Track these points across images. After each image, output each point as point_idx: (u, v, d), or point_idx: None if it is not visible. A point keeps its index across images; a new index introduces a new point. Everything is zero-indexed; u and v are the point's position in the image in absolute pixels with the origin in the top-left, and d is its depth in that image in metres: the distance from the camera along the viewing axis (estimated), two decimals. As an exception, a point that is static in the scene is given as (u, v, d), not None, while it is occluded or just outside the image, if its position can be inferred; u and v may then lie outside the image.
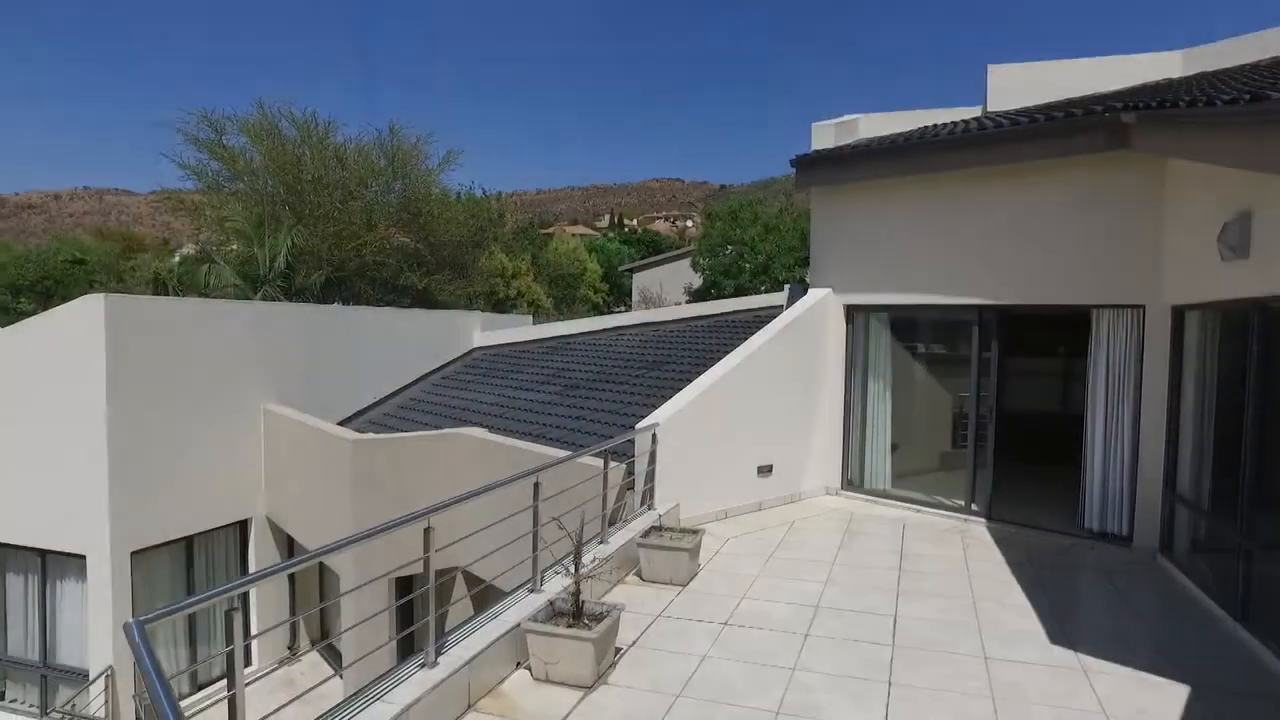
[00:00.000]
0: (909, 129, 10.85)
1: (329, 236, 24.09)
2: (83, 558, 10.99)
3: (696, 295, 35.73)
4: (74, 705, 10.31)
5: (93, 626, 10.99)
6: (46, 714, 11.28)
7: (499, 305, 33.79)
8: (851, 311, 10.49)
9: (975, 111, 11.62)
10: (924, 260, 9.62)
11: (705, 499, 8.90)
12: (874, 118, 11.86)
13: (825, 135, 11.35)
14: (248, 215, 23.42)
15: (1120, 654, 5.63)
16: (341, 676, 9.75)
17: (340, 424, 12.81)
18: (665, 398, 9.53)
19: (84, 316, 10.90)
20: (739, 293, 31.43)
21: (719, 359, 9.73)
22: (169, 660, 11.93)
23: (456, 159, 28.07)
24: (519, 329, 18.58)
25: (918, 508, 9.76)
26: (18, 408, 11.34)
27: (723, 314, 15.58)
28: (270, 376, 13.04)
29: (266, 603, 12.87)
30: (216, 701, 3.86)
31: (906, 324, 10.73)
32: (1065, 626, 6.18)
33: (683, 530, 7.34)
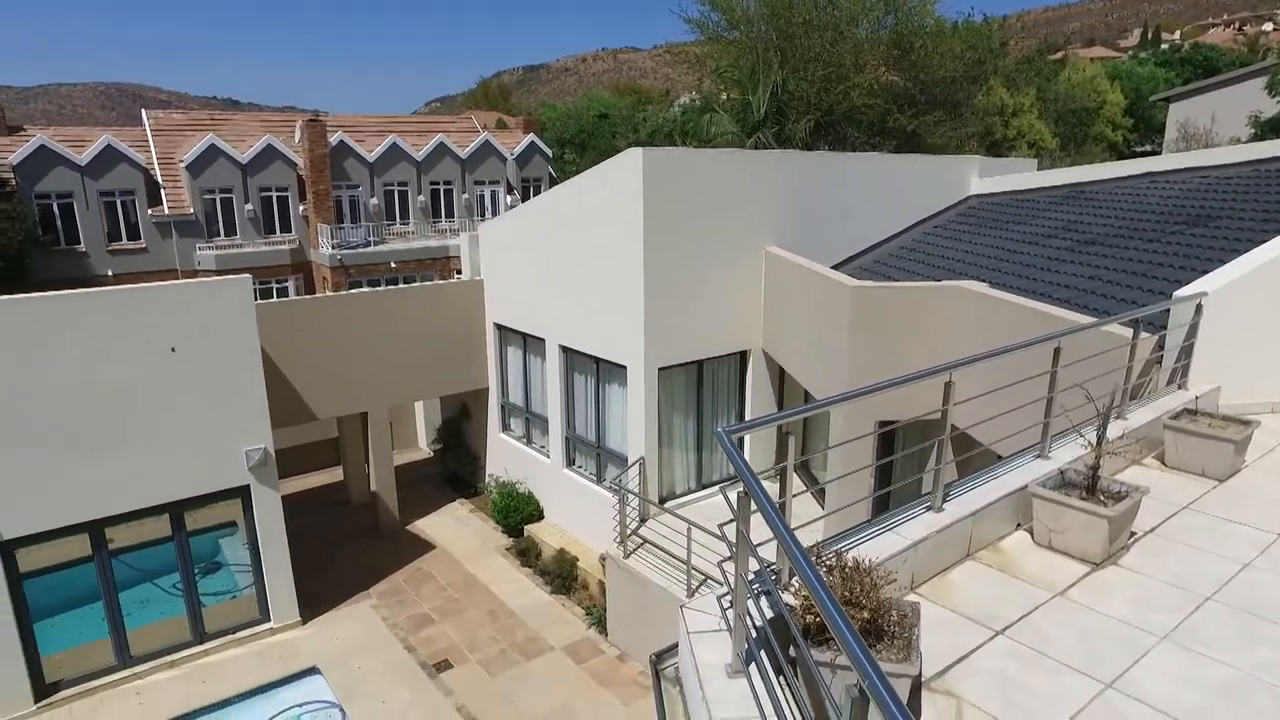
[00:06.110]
0: None
1: (817, 80, 24.16)
2: (624, 368, 13.55)
3: (1269, 129, 27.87)
4: (620, 480, 13.12)
5: (630, 423, 13.67)
6: (600, 482, 14.59)
7: (994, 147, 30.83)
8: None
9: None
10: None
11: (1258, 386, 7.43)
12: None
13: None
14: (741, 63, 24.50)
15: None
16: (823, 506, 10.75)
17: (833, 269, 13.31)
18: (1211, 261, 8.04)
19: (626, 169, 12.74)
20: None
21: (1302, 215, 7.77)
22: (682, 463, 14.38)
23: (956, -18, 25.54)
24: (1022, 175, 16.86)
25: None
26: (582, 244, 14.05)
27: (1309, 154, 12.18)
28: (770, 220, 13.98)
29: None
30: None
31: None
32: None
33: (1226, 419, 6.31)
